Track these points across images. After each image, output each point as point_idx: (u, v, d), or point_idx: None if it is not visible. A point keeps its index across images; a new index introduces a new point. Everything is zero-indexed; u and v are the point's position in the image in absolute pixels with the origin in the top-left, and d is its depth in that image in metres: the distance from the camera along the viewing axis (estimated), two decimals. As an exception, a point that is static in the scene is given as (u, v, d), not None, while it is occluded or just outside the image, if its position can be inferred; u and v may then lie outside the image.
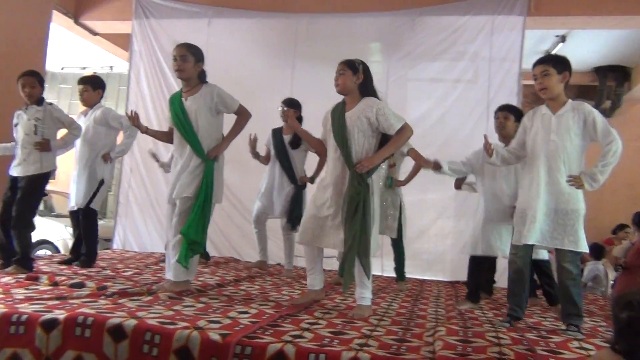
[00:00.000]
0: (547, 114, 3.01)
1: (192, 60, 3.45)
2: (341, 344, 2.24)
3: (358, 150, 3.08)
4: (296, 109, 4.69)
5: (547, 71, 2.97)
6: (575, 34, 7.65)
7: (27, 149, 4.02)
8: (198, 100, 3.44)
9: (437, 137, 5.73)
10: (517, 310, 3.01)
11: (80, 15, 7.25)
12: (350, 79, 3.14)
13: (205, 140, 3.42)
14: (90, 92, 4.51)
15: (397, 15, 6.30)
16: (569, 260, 2.90)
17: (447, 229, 5.97)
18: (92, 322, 2.28)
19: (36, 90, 4.10)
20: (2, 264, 3.97)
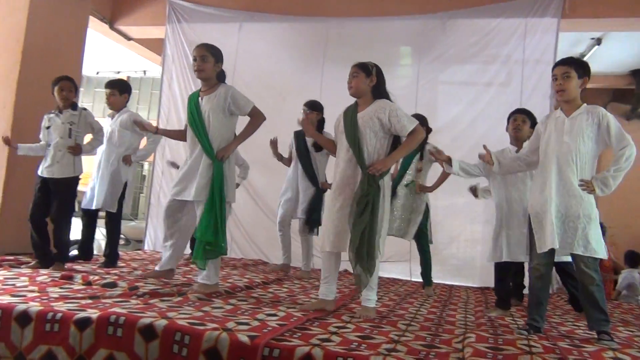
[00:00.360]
0: (560, 117, 2.97)
1: (212, 61, 3.52)
2: (369, 348, 2.23)
3: (370, 151, 3.06)
4: (318, 111, 4.72)
5: (569, 73, 2.92)
6: (611, 36, 7.48)
7: (61, 152, 4.14)
8: (212, 100, 3.49)
9: (467, 141, 5.67)
10: (539, 321, 2.93)
11: (116, 21, 7.42)
12: (364, 81, 3.13)
13: (216, 141, 3.46)
14: (117, 96, 4.60)
15: (427, 19, 6.27)
16: (586, 266, 2.83)
17: (477, 234, 5.90)
18: (123, 322, 2.31)
19: (72, 94, 4.25)
20: (37, 262, 4.08)
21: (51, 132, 4.21)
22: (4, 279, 3.39)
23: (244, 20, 6.72)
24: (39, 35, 5.39)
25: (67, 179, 4.13)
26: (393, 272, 5.61)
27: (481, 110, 6.00)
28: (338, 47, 6.33)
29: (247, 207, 6.48)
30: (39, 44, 5.38)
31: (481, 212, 5.94)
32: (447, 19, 6.21)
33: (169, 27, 6.95)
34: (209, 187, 3.38)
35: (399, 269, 5.65)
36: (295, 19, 6.61)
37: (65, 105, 4.21)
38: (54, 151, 4.16)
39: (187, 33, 6.88)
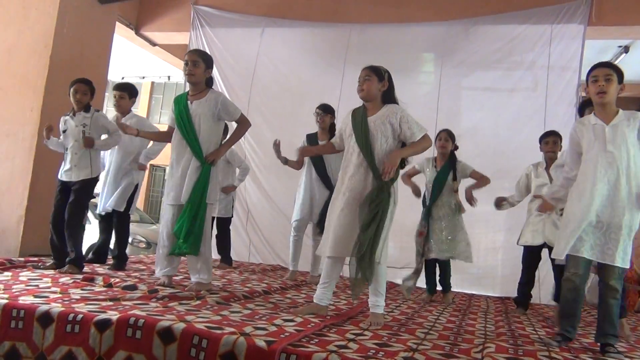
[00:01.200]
0: (598, 124, 2.86)
1: (203, 67, 3.61)
2: (386, 356, 2.22)
3: (381, 156, 3.02)
4: (331, 114, 4.74)
5: (611, 77, 2.83)
6: (638, 45, 7.36)
7: (77, 155, 4.18)
8: (203, 105, 3.58)
9: (490, 147, 5.63)
10: (571, 332, 2.86)
11: (141, 27, 7.54)
12: (376, 85, 3.11)
13: (205, 145, 3.57)
14: (127, 99, 4.64)
15: (450, 25, 6.24)
16: (615, 278, 2.76)
17: (498, 243, 5.83)
18: (142, 324, 2.34)
19: (86, 97, 4.26)
20: (55, 264, 4.15)
21: (67, 136, 4.26)
22: (28, 279, 3.46)
23: (266, 26, 6.78)
24: (66, 41, 5.50)
25: (85, 180, 4.16)
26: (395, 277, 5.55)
27: (505, 116, 5.94)
28: (359, 53, 6.33)
29: (265, 212, 6.51)
30: (67, 49, 5.49)
31: (502, 221, 5.87)
32: (471, 25, 6.18)
33: (192, 33, 7.03)
34: (193, 189, 3.51)
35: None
36: (317, 25, 6.64)
37: (78, 107, 4.25)
38: (71, 155, 4.20)
39: (210, 38, 6.96)
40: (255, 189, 6.63)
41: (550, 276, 5.38)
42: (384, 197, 2.94)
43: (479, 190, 4.50)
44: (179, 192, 3.56)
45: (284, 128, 6.21)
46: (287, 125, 6.27)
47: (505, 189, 6.04)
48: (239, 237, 6.46)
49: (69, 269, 3.96)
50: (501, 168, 5.53)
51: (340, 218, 3.04)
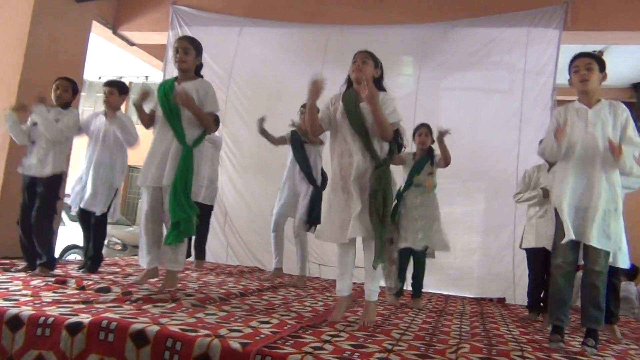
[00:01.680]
0: (582, 108, 2.96)
1: (193, 53, 3.60)
2: (362, 357, 2.22)
3: (374, 141, 3.05)
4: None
5: (592, 65, 2.92)
6: (613, 50, 7.50)
7: (44, 149, 4.07)
8: (190, 88, 3.50)
9: (466, 148, 5.66)
10: (564, 319, 2.86)
11: (119, 26, 7.46)
12: (372, 70, 3.13)
13: (188, 128, 3.50)
14: (116, 95, 4.42)
15: (429, 28, 6.29)
16: (601, 264, 2.79)
17: (474, 244, 5.88)
18: (115, 327, 2.30)
19: (66, 94, 4.19)
20: (27, 267, 4.07)
21: (36, 129, 4.12)
22: (-2, 282, 3.39)
23: (244, 25, 6.76)
24: (41, 39, 5.41)
25: (48, 179, 4.04)
26: None
27: (482, 118, 6.01)
28: (337, 54, 6.32)
29: (243, 214, 6.48)
30: (41, 47, 5.40)
31: (479, 222, 5.93)
32: (449, 28, 6.23)
33: (171, 32, 6.97)
34: (177, 170, 3.43)
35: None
36: (295, 25, 6.64)
37: (58, 103, 4.17)
38: (37, 147, 4.08)
39: (188, 39, 6.90)
40: (232, 190, 6.59)
41: (525, 277, 5.46)
42: (386, 175, 2.98)
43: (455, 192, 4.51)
44: (159, 174, 3.47)
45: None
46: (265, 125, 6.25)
47: (482, 191, 6.13)
48: (216, 239, 6.42)
49: (40, 271, 3.88)
50: (478, 170, 5.60)
51: (340, 204, 3.03)
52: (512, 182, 5.56)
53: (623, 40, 6.52)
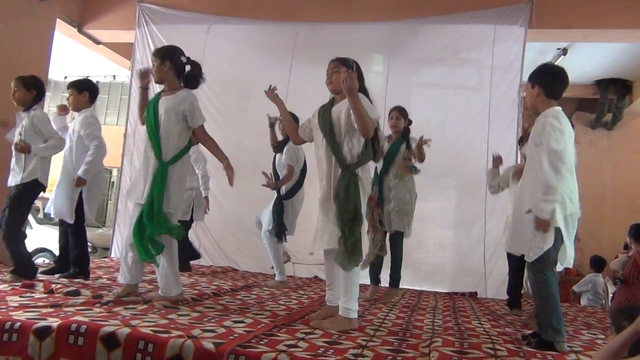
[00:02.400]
0: None
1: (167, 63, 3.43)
2: (336, 354, 2.23)
3: (341, 144, 2.98)
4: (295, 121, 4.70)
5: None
6: (576, 47, 7.68)
7: (15, 157, 3.96)
8: (170, 102, 3.37)
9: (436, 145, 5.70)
10: None
11: (84, 25, 7.29)
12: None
13: (164, 142, 3.30)
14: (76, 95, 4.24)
15: (397, 25, 6.33)
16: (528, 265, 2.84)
17: (446, 239, 5.95)
18: (85, 330, 2.26)
19: (19, 93, 4.00)
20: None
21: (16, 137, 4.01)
22: (-37, 288, 3.29)
23: (212, 23, 6.69)
24: (3, 38, 5.28)
25: (18, 186, 3.90)
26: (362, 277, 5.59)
27: (451, 115, 6.06)
28: (306, 51, 6.34)
29: (215, 214, 6.41)
30: (4, 46, 5.27)
31: (451, 217, 6.01)
32: (417, 25, 6.28)
33: (138, 31, 6.86)
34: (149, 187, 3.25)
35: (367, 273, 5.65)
36: (264, 23, 6.61)
37: (18, 105, 4.03)
38: (16, 156, 3.98)
39: (155, 36, 6.80)
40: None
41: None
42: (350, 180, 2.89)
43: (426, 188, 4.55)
44: (141, 190, 3.31)
45: (231, 126, 6.14)
46: (235, 123, 6.22)
47: (453, 187, 6.21)
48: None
49: (11, 278, 3.76)
50: (448, 166, 5.67)
51: (321, 211, 3.00)
52: (482, 178, 5.63)
53: (586, 38, 6.68)
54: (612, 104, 9.43)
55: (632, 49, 7.73)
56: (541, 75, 2.95)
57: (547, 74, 2.97)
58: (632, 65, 8.45)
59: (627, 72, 8.81)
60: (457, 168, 5.83)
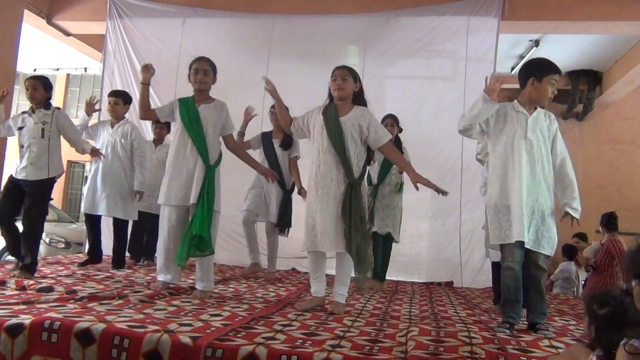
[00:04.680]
0: (521, 113, 3.03)
1: (212, 75, 3.63)
2: (314, 345, 2.23)
3: (352, 155, 3.16)
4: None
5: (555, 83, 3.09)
6: (548, 39, 7.78)
7: (34, 153, 3.98)
8: (211, 111, 3.58)
9: (412, 136, 5.73)
10: (515, 318, 2.93)
11: (53, 16, 7.12)
12: (352, 85, 3.24)
13: (211, 149, 3.54)
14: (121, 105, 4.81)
15: (372, 17, 6.33)
16: (543, 260, 2.93)
17: (422, 230, 6.00)
18: (59, 327, 2.23)
19: (38, 92, 4.07)
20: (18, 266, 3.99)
21: (24, 134, 4.06)
22: None
23: (187, 16, 6.60)
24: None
25: (41, 181, 3.97)
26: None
27: (427, 106, 6.10)
28: (283, 44, 6.31)
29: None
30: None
31: (426, 208, 6.05)
32: (392, 17, 6.29)
33: (109, 22, 6.72)
34: (201, 190, 3.43)
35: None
36: (239, 15, 6.54)
37: (34, 104, 4.07)
38: (28, 152, 4.00)
39: (128, 29, 6.68)
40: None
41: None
42: (358, 197, 3.12)
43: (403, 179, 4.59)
44: (186, 193, 3.46)
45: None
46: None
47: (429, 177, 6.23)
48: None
49: (21, 274, 3.74)
50: (424, 157, 5.68)
51: (319, 213, 3.14)
52: (457, 169, 5.71)
53: (558, 30, 6.77)
54: (583, 94, 9.61)
55: (602, 40, 7.88)
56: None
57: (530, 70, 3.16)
58: (602, 57, 8.62)
59: (598, 63, 8.97)
60: (432, 159, 5.86)
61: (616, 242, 5.46)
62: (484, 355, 2.22)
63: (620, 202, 9.48)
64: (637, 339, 1.39)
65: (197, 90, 3.61)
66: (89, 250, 4.92)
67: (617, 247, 5.43)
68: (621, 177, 9.92)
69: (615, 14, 6.07)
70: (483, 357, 2.19)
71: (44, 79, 4.15)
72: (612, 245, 5.46)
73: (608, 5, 6.07)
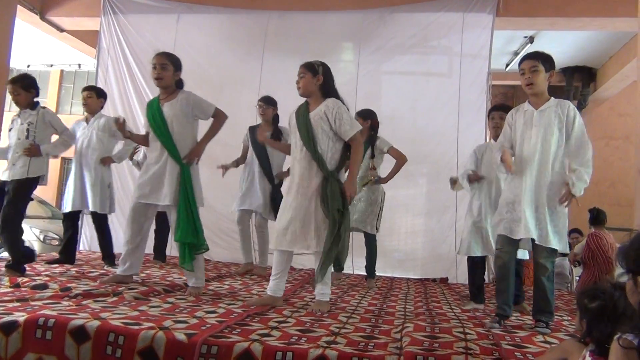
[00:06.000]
0: (529, 110, 3.03)
1: (172, 69, 3.54)
2: (309, 341, 2.23)
3: (324, 149, 3.12)
4: (274, 106, 4.74)
5: (537, 67, 2.97)
6: (543, 35, 7.80)
7: (17, 154, 3.96)
8: (175, 107, 3.51)
9: (407, 132, 5.75)
10: (506, 309, 2.97)
11: (47, 11, 7.10)
12: (310, 81, 3.18)
13: (179, 145, 3.47)
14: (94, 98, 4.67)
15: (366, 13, 6.33)
16: (545, 257, 2.90)
17: (417, 226, 6.00)
18: (53, 324, 2.22)
19: (21, 97, 4.04)
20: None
21: (12, 135, 4.06)
22: None
23: (182, 12, 6.57)
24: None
25: (19, 181, 3.92)
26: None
27: (422, 102, 6.09)
28: (278, 40, 6.30)
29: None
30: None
31: (422, 205, 6.06)
32: (387, 13, 6.28)
33: (103, 18, 6.69)
34: (180, 191, 3.41)
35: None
36: (234, 11, 6.53)
37: (20, 107, 4.06)
38: (12, 153, 4.00)
39: (122, 25, 6.65)
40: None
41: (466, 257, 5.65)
42: (335, 189, 3.05)
43: (397, 176, 4.59)
44: (153, 191, 3.46)
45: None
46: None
47: (424, 174, 6.26)
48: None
49: (7, 273, 3.69)
50: (419, 153, 5.69)
51: (292, 212, 3.11)
52: (453, 165, 5.71)
53: (552, 26, 6.79)
54: (578, 91, 9.64)
55: (596, 37, 7.90)
56: (553, 65, 3.06)
57: (554, 65, 3.07)
58: (596, 53, 8.65)
59: (592, 59, 9.00)
60: (428, 155, 5.87)
61: (594, 236, 5.50)
62: (478, 351, 2.23)
63: (614, 198, 9.54)
64: (630, 333, 1.40)
65: (159, 87, 3.59)
66: (62, 249, 4.75)
67: (595, 242, 5.47)
68: (615, 173, 9.97)
69: (609, 10, 6.09)
70: (478, 353, 2.20)
71: (22, 81, 4.08)
72: (591, 240, 5.51)
73: (602, 2, 6.09)
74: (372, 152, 4.49)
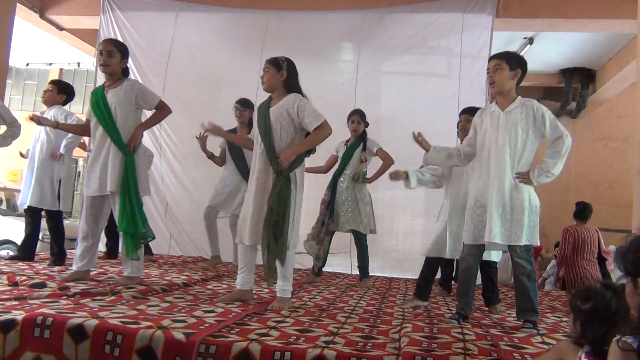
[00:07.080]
0: (496, 111, 3.02)
1: (118, 57, 3.55)
2: (307, 341, 2.23)
3: (282, 146, 3.11)
4: (250, 109, 4.77)
5: (500, 66, 2.97)
6: (542, 37, 7.81)
7: None
8: (119, 94, 3.52)
9: (407, 133, 5.72)
10: (466, 310, 3.02)
11: (46, 10, 7.08)
12: (274, 76, 3.17)
13: (124, 133, 3.49)
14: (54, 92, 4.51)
15: (366, 13, 6.33)
16: (520, 256, 2.89)
17: (416, 227, 6.00)
18: (51, 323, 2.22)
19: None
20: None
21: None
22: None
23: (181, 10, 6.56)
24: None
25: None
26: (334, 265, 5.63)
27: (421, 102, 6.09)
28: (277, 40, 6.28)
29: (184, 203, 6.35)
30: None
31: (420, 205, 6.05)
32: (386, 13, 6.28)
33: (103, 17, 6.67)
34: (122, 178, 3.42)
35: (339, 262, 5.68)
36: (233, 10, 6.53)
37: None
38: None
39: (121, 23, 6.64)
40: (173, 179, 6.43)
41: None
42: (282, 185, 3.03)
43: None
44: (102, 182, 3.46)
45: (201, 115, 6.01)
46: (205, 113, 6.08)
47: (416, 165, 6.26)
48: (157, 230, 6.25)
49: None
50: (418, 153, 5.66)
51: (250, 205, 3.14)
52: (452, 165, 5.70)
53: (551, 28, 6.80)
54: (576, 92, 9.65)
55: (596, 38, 7.91)
56: (522, 63, 3.03)
57: (524, 64, 3.04)
58: (596, 55, 8.66)
59: (591, 61, 9.01)
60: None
61: (565, 231, 5.54)
62: (476, 352, 2.23)
63: (612, 199, 9.55)
64: (629, 335, 1.40)
65: (105, 74, 3.60)
66: (20, 246, 4.66)
67: (563, 235, 5.52)
68: (613, 175, 9.98)
69: (608, 12, 6.10)
70: (476, 353, 2.20)
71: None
72: (565, 234, 5.55)
73: (601, 3, 6.09)
74: (364, 146, 4.53)
